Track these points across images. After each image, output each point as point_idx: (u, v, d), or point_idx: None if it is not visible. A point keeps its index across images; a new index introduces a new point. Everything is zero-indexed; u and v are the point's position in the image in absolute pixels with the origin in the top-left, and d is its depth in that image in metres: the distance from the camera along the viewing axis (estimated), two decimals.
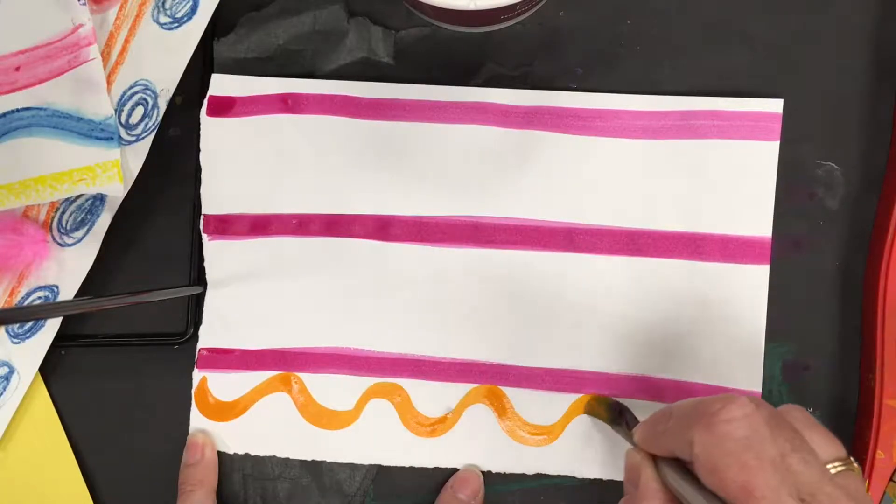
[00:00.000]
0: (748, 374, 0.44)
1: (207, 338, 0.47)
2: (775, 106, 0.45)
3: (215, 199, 0.47)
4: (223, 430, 0.47)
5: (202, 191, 0.47)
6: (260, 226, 0.47)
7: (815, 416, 0.45)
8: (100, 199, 0.47)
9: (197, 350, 0.47)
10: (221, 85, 0.47)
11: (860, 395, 0.45)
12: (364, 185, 0.47)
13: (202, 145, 0.47)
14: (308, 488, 0.47)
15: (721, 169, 0.45)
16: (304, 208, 0.47)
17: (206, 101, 0.47)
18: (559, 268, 0.46)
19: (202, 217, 0.47)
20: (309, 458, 0.47)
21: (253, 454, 0.47)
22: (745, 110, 0.45)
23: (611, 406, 0.43)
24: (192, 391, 0.47)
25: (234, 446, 0.47)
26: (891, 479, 0.43)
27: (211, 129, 0.47)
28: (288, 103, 0.47)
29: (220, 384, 0.47)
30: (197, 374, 0.47)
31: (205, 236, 0.47)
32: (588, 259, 0.46)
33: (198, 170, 0.47)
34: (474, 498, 0.45)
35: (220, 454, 0.47)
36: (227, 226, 0.47)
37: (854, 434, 0.45)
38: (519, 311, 0.46)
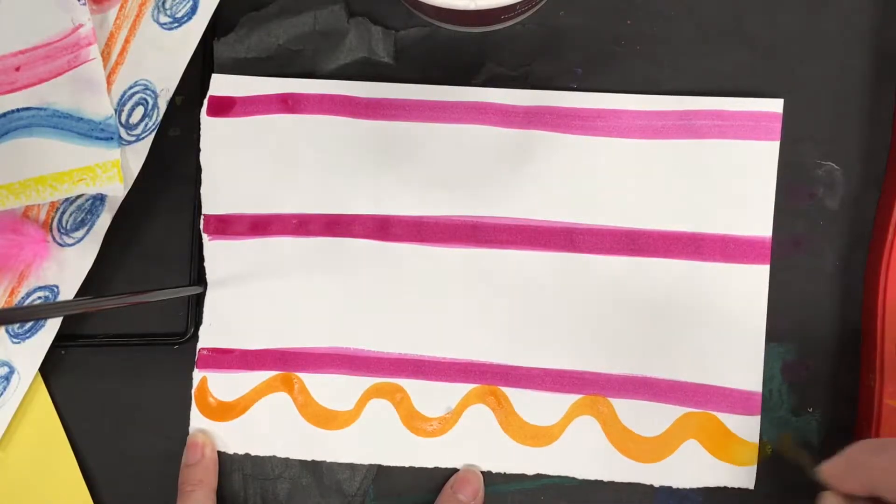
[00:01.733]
0: (748, 374, 0.44)
1: (207, 337, 0.47)
2: (775, 106, 0.45)
3: (215, 199, 0.47)
4: (223, 430, 0.47)
5: (202, 191, 0.47)
6: (260, 226, 0.47)
7: (815, 415, 0.45)
8: (100, 199, 0.47)
9: (197, 350, 0.47)
10: (221, 85, 0.47)
11: (860, 395, 0.45)
12: (364, 185, 0.47)
13: (202, 145, 0.47)
14: (308, 488, 0.47)
15: (721, 169, 0.45)
16: (304, 208, 0.47)
17: (206, 101, 0.47)
18: (559, 268, 0.46)
19: (202, 217, 0.47)
20: (309, 459, 0.47)
21: (253, 454, 0.47)
22: (746, 110, 0.45)
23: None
24: (193, 391, 0.47)
25: (234, 446, 0.47)
26: None
27: (211, 129, 0.47)
28: (288, 103, 0.47)
29: (220, 384, 0.47)
30: (197, 374, 0.47)
31: (205, 236, 0.47)
32: (588, 259, 0.46)
33: (198, 170, 0.47)
34: (474, 498, 0.44)
35: (221, 454, 0.47)
36: (228, 226, 0.47)
37: (854, 434, 0.45)
38: (519, 312, 0.46)
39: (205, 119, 0.47)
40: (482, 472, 0.46)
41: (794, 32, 0.46)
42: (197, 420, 0.47)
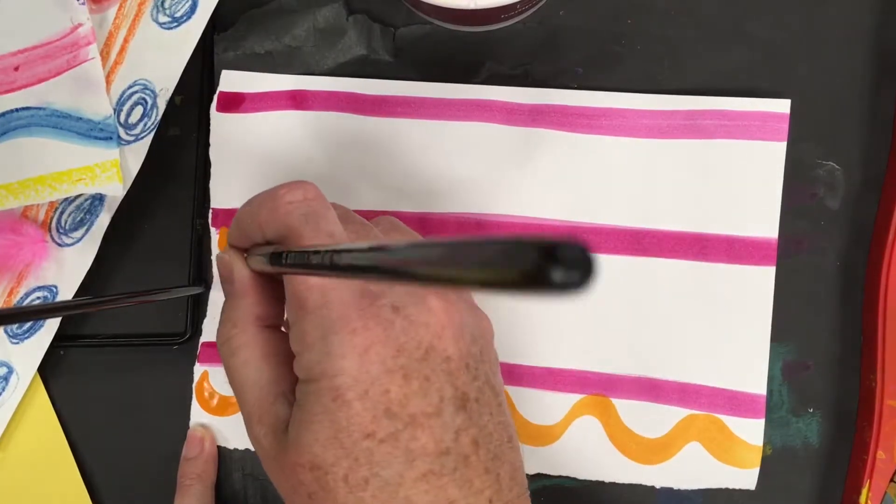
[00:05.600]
0: (752, 376, 0.44)
1: (210, 332, 0.47)
2: (782, 106, 0.44)
3: (224, 193, 0.47)
4: (224, 425, 0.47)
5: (211, 185, 0.47)
6: None
7: (816, 415, 0.45)
8: (99, 199, 0.47)
9: (199, 344, 0.47)
10: (231, 81, 0.47)
11: (861, 395, 0.45)
12: (369, 181, 0.47)
13: (211, 140, 0.47)
14: None
15: (727, 169, 0.45)
16: None
17: (215, 97, 0.47)
18: None
19: (211, 210, 0.47)
20: None
21: (253, 449, 0.47)
22: (752, 110, 0.44)
23: None
24: (193, 385, 0.47)
25: (234, 441, 0.47)
26: (891, 480, 0.43)
27: (220, 124, 0.47)
28: (297, 100, 0.47)
29: (221, 378, 0.47)
30: (198, 369, 0.47)
31: (213, 230, 0.47)
32: None
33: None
34: None
35: (221, 450, 0.47)
36: None
37: (855, 434, 0.45)
38: (521, 310, 0.46)
39: (214, 114, 0.47)
40: None
41: (795, 32, 0.46)
42: (197, 415, 0.47)
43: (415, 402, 0.31)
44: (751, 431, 0.44)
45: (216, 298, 0.47)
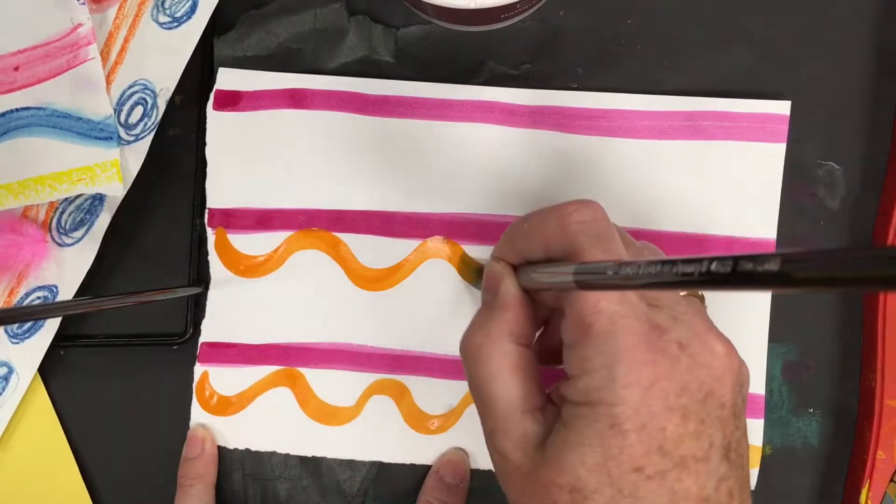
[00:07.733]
0: (751, 377, 0.44)
1: (210, 332, 0.47)
2: (782, 108, 0.45)
3: (221, 193, 0.47)
4: (224, 425, 0.47)
5: (207, 184, 0.47)
6: (265, 220, 0.47)
7: (816, 415, 0.45)
8: (99, 199, 0.47)
9: (199, 344, 0.47)
10: (228, 79, 0.47)
11: (861, 395, 0.45)
12: (369, 181, 0.47)
13: (208, 139, 0.47)
14: (308, 489, 0.47)
15: (727, 170, 0.45)
16: (310, 204, 0.47)
17: (212, 95, 0.47)
18: None
19: (207, 210, 0.47)
20: (309, 455, 0.47)
21: (253, 449, 0.47)
22: (752, 112, 0.45)
23: (478, 269, 0.46)
24: (194, 385, 0.47)
25: (234, 441, 0.47)
26: (891, 480, 0.43)
27: (217, 122, 0.47)
28: (295, 99, 0.47)
29: (221, 378, 0.47)
30: (198, 369, 0.47)
31: (209, 230, 0.47)
32: None
33: (202, 165, 0.47)
34: (462, 481, 0.44)
35: (221, 451, 0.47)
36: (233, 220, 0.47)
37: (855, 434, 0.45)
38: None
39: (211, 113, 0.47)
40: (484, 471, 0.46)
41: (795, 32, 0.46)
42: (197, 415, 0.47)
43: (687, 443, 0.30)
44: (750, 431, 0.44)
45: (216, 298, 0.47)
